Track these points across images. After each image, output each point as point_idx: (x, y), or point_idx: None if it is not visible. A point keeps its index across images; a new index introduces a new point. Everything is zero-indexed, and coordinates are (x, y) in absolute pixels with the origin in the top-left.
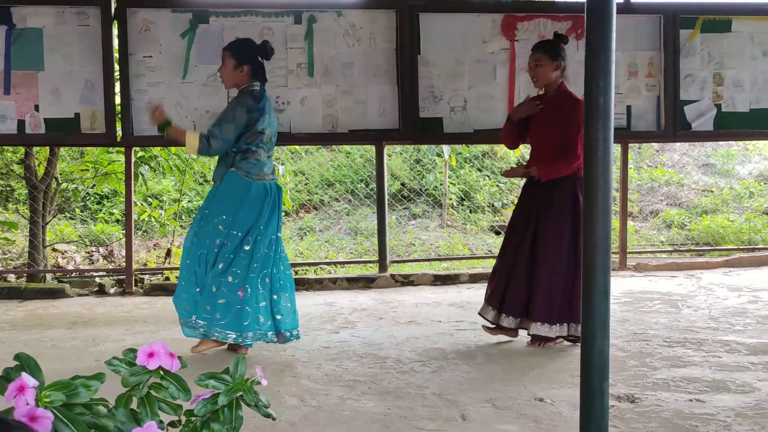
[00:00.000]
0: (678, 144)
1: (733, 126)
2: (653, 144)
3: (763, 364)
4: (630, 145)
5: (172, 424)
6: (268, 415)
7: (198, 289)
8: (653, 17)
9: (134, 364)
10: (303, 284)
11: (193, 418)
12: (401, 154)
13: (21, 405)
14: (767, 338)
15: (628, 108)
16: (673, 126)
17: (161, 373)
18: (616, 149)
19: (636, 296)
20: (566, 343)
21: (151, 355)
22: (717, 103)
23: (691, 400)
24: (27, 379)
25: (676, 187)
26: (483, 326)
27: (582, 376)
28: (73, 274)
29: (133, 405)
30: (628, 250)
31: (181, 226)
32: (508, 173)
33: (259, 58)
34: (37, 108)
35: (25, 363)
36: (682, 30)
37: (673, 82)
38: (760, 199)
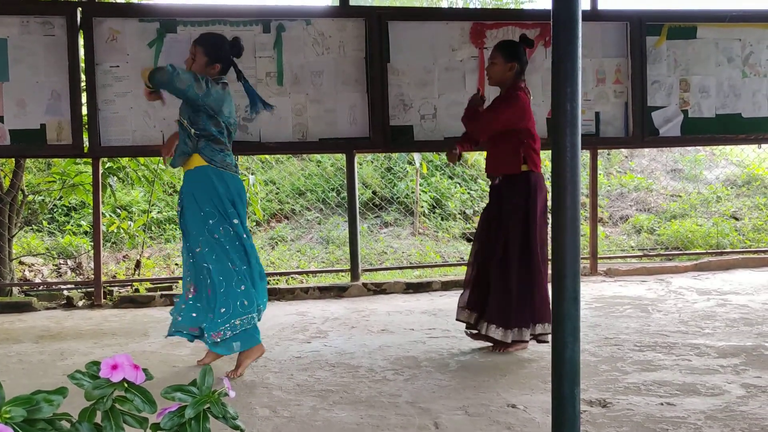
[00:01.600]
0: (646, 150)
1: (700, 131)
2: (622, 150)
3: (732, 367)
4: (599, 151)
5: None
6: (236, 427)
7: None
8: (620, 24)
9: (98, 377)
10: (275, 294)
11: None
12: (372, 162)
13: None
14: (736, 341)
15: (597, 114)
16: (642, 132)
17: (125, 385)
18: (585, 155)
19: (607, 301)
20: (530, 346)
21: (114, 367)
22: (684, 109)
23: (662, 404)
24: None
25: (645, 192)
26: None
27: (553, 382)
28: (41, 287)
29: (98, 419)
30: (598, 256)
31: (150, 237)
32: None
33: (231, 57)
34: (2, 119)
35: None
36: (649, 37)
37: (640, 88)
38: (727, 204)
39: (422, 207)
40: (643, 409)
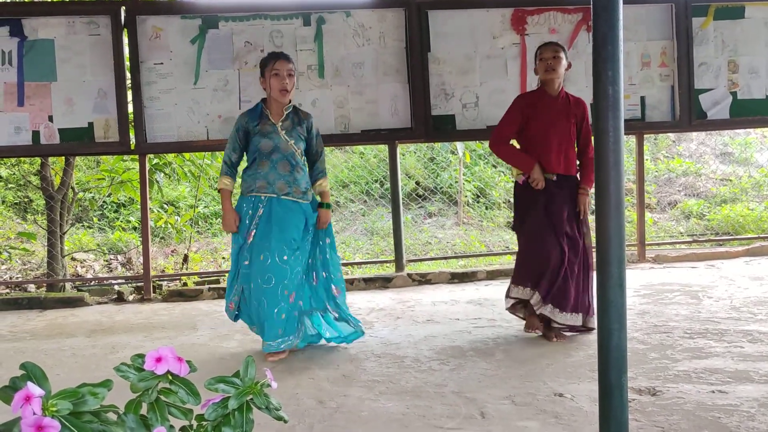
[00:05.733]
0: (694, 133)
1: (750, 113)
2: (669, 134)
3: None
4: (646, 136)
5: (183, 429)
6: (279, 418)
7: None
8: (665, 6)
9: (143, 369)
10: None
11: (204, 423)
12: (415, 152)
13: (28, 414)
14: None
15: (642, 99)
16: (689, 115)
17: (170, 377)
18: (631, 141)
19: (656, 288)
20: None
21: (159, 359)
22: (732, 91)
23: (713, 392)
24: (33, 388)
25: (693, 177)
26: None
27: (600, 371)
28: (92, 283)
29: (144, 410)
30: (646, 242)
31: (197, 231)
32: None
33: None
34: (51, 118)
35: (31, 372)
36: (695, 18)
37: (687, 71)
38: None
39: (466, 196)
40: (694, 397)
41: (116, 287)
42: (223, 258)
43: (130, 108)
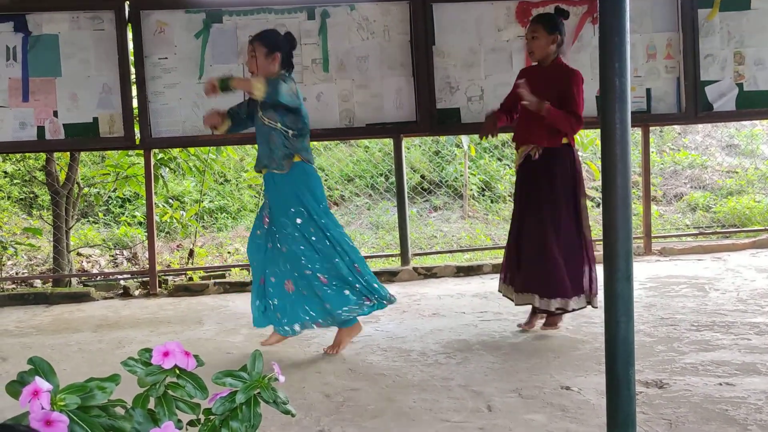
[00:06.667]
0: (700, 126)
1: (756, 105)
2: (675, 126)
3: None
4: (651, 128)
5: (191, 423)
6: (287, 412)
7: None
8: None
9: (150, 363)
10: None
11: (211, 417)
12: (420, 146)
13: (36, 409)
14: None
15: (648, 91)
16: (695, 107)
17: (177, 372)
18: (636, 133)
19: (662, 281)
20: (584, 327)
21: (166, 354)
22: (738, 82)
23: (720, 384)
24: (41, 383)
25: (699, 169)
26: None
27: (607, 364)
28: (98, 278)
29: (151, 405)
30: (652, 235)
31: (202, 226)
32: (486, 129)
33: (288, 47)
34: (55, 114)
35: (39, 367)
36: (701, 9)
37: (692, 62)
38: None
39: (471, 190)
40: (701, 389)
41: (122, 282)
42: (229, 252)
43: (135, 103)
